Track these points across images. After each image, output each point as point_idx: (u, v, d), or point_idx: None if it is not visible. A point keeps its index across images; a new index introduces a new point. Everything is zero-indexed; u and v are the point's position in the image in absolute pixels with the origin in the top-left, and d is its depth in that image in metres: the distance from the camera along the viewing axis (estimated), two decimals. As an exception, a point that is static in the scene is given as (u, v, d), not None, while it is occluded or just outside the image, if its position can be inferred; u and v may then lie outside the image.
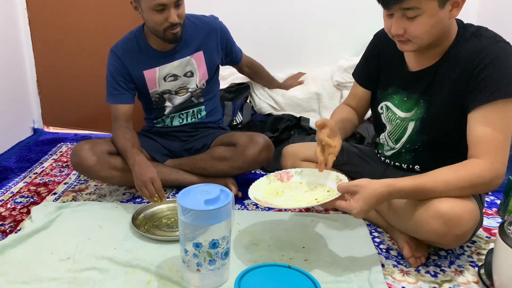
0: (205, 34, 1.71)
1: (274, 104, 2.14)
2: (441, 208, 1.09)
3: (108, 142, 1.65)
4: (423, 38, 1.13)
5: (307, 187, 1.27)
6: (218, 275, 1.14)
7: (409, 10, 1.08)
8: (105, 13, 2.16)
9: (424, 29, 1.10)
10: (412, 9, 1.07)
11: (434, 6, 1.07)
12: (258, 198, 1.21)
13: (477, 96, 1.11)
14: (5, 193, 1.70)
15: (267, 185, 1.29)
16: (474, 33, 1.16)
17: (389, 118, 1.35)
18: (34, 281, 1.16)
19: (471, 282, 1.19)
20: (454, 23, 1.18)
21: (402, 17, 1.11)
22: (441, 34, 1.15)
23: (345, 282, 1.17)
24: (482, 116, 1.11)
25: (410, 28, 1.11)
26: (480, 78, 1.11)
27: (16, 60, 2.24)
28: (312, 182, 1.27)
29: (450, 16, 1.11)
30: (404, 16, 1.10)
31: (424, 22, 1.09)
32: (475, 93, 1.12)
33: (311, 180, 1.28)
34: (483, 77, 1.10)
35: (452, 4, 1.10)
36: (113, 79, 1.67)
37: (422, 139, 1.28)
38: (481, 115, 1.11)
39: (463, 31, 1.18)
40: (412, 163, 1.33)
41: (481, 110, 1.11)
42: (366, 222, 1.47)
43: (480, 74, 1.11)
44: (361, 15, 2.16)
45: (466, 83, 1.14)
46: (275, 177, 1.32)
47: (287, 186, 1.29)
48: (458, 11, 1.11)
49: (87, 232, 1.40)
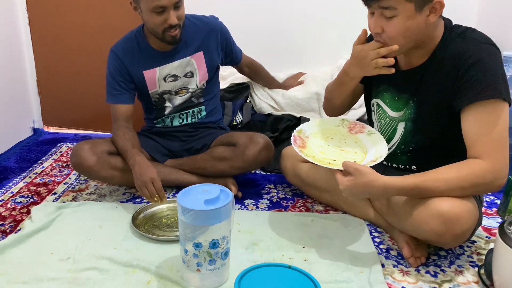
0: (205, 34, 1.71)
1: (274, 104, 2.14)
2: (440, 208, 1.09)
3: (108, 142, 1.65)
4: (398, 39, 1.14)
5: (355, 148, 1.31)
6: (218, 275, 1.14)
7: (386, 9, 1.11)
8: (105, 13, 2.16)
9: (398, 30, 1.12)
10: (389, 8, 1.10)
11: (410, 8, 1.09)
12: (304, 130, 1.32)
13: (462, 97, 1.12)
14: (5, 193, 1.70)
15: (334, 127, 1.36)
16: (460, 34, 1.17)
17: (379, 116, 1.36)
18: (34, 281, 1.16)
19: (471, 282, 1.19)
20: (440, 24, 1.19)
21: (381, 16, 1.13)
22: (421, 38, 1.16)
23: (345, 282, 1.17)
24: (473, 117, 1.12)
25: (387, 28, 1.14)
26: (465, 79, 1.12)
27: (16, 60, 2.24)
28: (363, 147, 1.31)
29: (427, 21, 1.12)
30: (382, 15, 1.13)
31: (399, 23, 1.11)
32: (461, 93, 1.13)
33: (365, 144, 1.32)
34: (467, 78, 1.11)
35: (430, 9, 1.11)
36: (113, 79, 1.67)
37: (417, 139, 1.28)
38: (471, 116, 1.12)
39: (449, 32, 1.18)
40: (408, 163, 1.34)
41: (470, 111, 1.12)
42: (366, 222, 1.47)
43: (464, 75, 1.12)
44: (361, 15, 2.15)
45: (452, 84, 1.15)
46: (349, 124, 1.38)
47: (347, 137, 1.34)
48: (435, 17, 1.12)
49: (87, 232, 1.39)
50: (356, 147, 1.31)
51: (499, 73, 1.11)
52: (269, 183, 1.80)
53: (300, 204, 1.63)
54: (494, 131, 1.09)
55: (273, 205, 1.62)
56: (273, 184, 1.80)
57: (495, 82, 1.09)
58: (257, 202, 1.64)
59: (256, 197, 1.68)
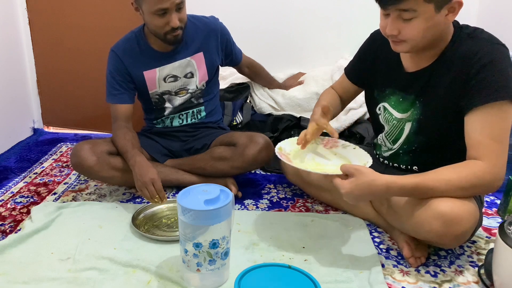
0: (206, 35, 1.71)
1: (274, 104, 2.14)
2: (441, 208, 1.09)
3: (108, 142, 1.65)
4: (417, 40, 1.13)
5: (338, 159, 1.33)
6: (218, 275, 1.14)
7: (405, 12, 1.08)
8: (105, 13, 2.16)
9: (418, 32, 1.11)
10: (409, 11, 1.08)
11: (430, 9, 1.07)
12: (283, 148, 1.32)
13: (473, 98, 1.11)
14: (5, 193, 1.70)
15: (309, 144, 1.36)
16: (469, 34, 1.16)
17: (387, 119, 1.35)
18: (34, 281, 1.16)
19: (471, 282, 1.19)
20: (450, 24, 1.18)
21: (398, 18, 1.11)
22: (436, 37, 1.16)
23: (345, 282, 1.17)
24: (480, 117, 1.11)
25: (405, 30, 1.12)
26: (476, 80, 1.11)
27: (16, 60, 2.24)
28: (345, 157, 1.33)
29: (446, 20, 1.12)
30: (399, 17, 1.11)
31: (419, 25, 1.09)
32: (471, 95, 1.12)
33: (345, 155, 1.34)
34: (479, 79, 1.10)
35: (449, 9, 1.10)
36: (113, 79, 1.67)
37: (419, 140, 1.28)
38: (478, 117, 1.11)
39: (459, 32, 1.18)
40: (410, 163, 1.34)
41: (478, 112, 1.11)
42: (366, 222, 1.47)
43: (475, 76, 1.11)
44: (361, 15, 2.16)
45: (462, 85, 1.14)
46: (321, 140, 1.39)
47: (325, 152, 1.36)
48: (454, 16, 1.12)
49: (87, 232, 1.39)
50: (339, 159, 1.33)
51: (510, 74, 1.10)
52: (269, 183, 1.80)
53: (300, 204, 1.63)
54: (497, 133, 1.09)
55: (273, 205, 1.62)
56: (273, 184, 1.80)
57: (506, 83, 1.09)
58: (257, 202, 1.64)
59: (256, 197, 1.68)
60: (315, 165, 1.30)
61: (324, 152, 1.37)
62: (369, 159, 1.26)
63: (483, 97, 1.10)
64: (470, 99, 1.12)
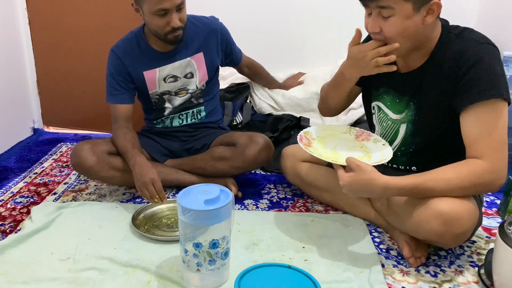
0: (205, 35, 1.71)
1: (274, 104, 2.14)
2: (441, 208, 1.09)
3: (108, 142, 1.65)
4: (397, 39, 1.14)
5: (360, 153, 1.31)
6: (218, 275, 1.14)
7: (384, 9, 1.11)
8: (105, 13, 2.16)
9: (396, 29, 1.12)
10: (387, 8, 1.10)
11: (408, 8, 1.09)
12: (310, 132, 1.35)
13: (464, 97, 1.12)
14: (5, 193, 1.70)
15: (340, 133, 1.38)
16: (458, 35, 1.17)
17: (381, 119, 1.36)
18: (34, 281, 1.16)
19: (471, 282, 1.19)
20: (438, 25, 1.19)
21: (378, 15, 1.14)
22: (420, 38, 1.16)
23: (345, 282, 1.17)
24: (473, 117, 1.11)
25: (384, 27, 1.14)
26: (465, 79, 1.12)
27: (16, 60, 2.24)
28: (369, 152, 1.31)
29: (424, 22, 1.12)
30: (380, 15, 1.13)
31: (397, 22, 1.11)
32: (462, 95, 1.12)
33: (370, 150, 1.32)
34: (468, 78, 1.11)
35: (427, 10, 1.11)
36: (113, 79, 1.67)
37: (416, 141, 1.28)
38: (472, 116, 1.12)
39: (447, 33, 1.18)
40: (408, 164, 1.34)
41: (471, 111, 1.11)
42: (366, 222, 1.47)
43: (464, 76, 1.12)
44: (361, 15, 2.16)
45: (453, 85, 1.15)
46: (356, 131, 1.39)
47: (353, 143, 1.35)
48: (432, 18, 1.12)
49: (87, 232, 1.40)
50: (362, 152, 1.31)
51: (499, 72, 1.11)
52: (269, 183, 1.80)
53: (300, 204, 1.63)
54: (494, 131, 1.09)
55: (273, 205, 1.62)
56: (273, 184, 1.80)
57: (496, 81, 1.09)
58: (257, 202, 1.64)
59: (256, 197, 1.68)
60: (333, 155, 1.29)
61: (351, 144, 1.35)
62: (388, 157, 1.25)
63: (472, 96, 1.10)
64: (461, 99, 1.13)
